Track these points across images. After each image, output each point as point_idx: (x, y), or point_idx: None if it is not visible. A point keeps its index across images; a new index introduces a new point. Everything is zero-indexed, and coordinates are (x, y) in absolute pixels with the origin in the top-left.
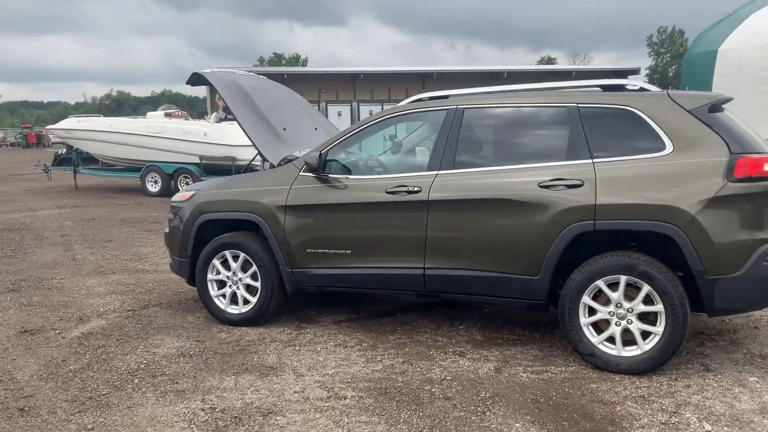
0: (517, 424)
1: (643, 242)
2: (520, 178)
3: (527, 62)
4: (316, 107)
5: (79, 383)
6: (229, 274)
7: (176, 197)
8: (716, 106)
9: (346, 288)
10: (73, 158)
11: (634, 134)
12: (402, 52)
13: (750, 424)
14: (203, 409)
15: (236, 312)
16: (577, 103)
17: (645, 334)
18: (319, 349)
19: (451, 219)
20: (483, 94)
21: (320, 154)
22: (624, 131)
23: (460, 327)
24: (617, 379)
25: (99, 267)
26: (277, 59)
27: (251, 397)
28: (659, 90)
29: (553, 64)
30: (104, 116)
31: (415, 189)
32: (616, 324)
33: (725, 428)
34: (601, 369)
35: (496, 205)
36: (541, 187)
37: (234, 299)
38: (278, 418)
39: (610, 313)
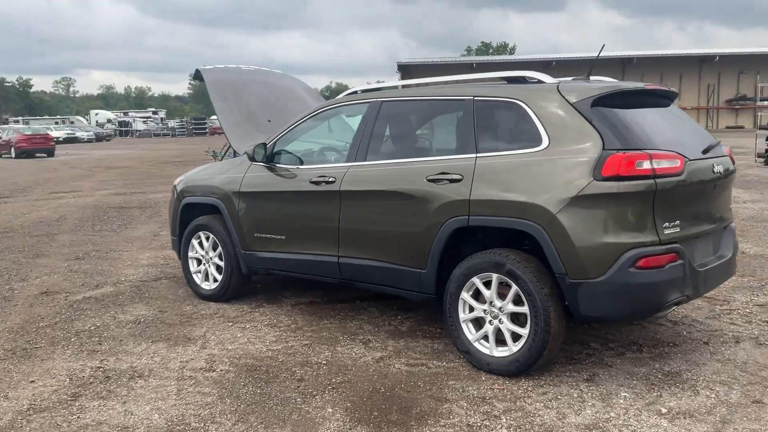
0: (330, 409)
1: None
2: (412, 171)
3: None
4: None
5: (31, 337)
6: (203, 253)
7: (176, 180)
8: (604, 99)
9: (284, 272)
10: None
11: (517, 128)
12: (623, 36)
13: None
14: (92, 368)
15: (207, 288)
16: (473, 96)
17: (517, 336)
18: (248, 326)
19: (357, 210)
20: (404, 88)
21: (264, 145)
22: (509, 125)
23: (399, 317)
24: (483, 378)
25: (164, 243)
26: (485, 48)
27: (141, 362)
28: (553, 82)
29: None
30: None
31: (330, 180)
32: (489, 323)
33: None
34: (476, 367)
35: (391, 197)
36: (428, 180)
37: (207, 276)
38: (140, 381)
39: (484, 311)
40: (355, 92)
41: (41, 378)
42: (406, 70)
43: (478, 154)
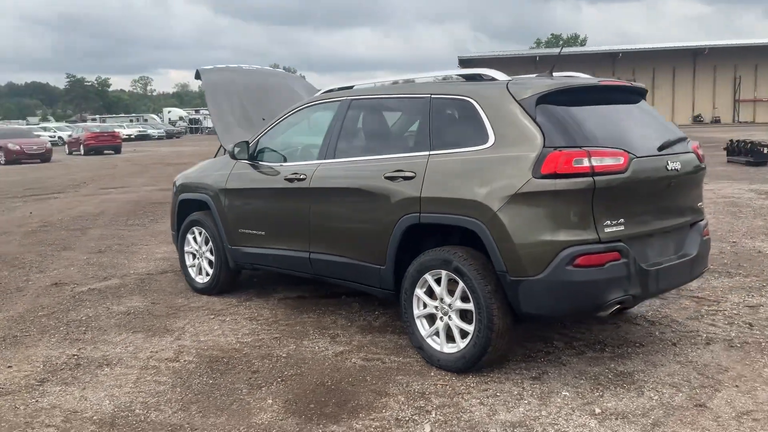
0: (270, 400)
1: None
2: (372, 169)
3: None
4: None
5: (25, 326)
6: (197, 247)
7: (176, 176)
8: (552, 96)
9: (266, 266)
10: None
11: (467, 126)
12: (701, 25)
13: (480, 431)
14: (68, 355)
15: (201, 282)
16: (431, 94)
17: (465, 333)
18: (228, 319)
19: (325, 207)
20: (373, 87)
21: (246, 143)
22: (461, 123)
23: (376, 313)
24: (432, 374)
25: None
26: (555, 40)
27: (114, 351)
28: (504, 79)
29: None
30: None
31: (302, 177)
32: (440, 319)
33: None
34: (429, 363)
35: (353, 194)
36: (386, 178)
37: (201, 270)
38: (106, 369)
39: (436, 307)
40: (332, 90)
41: (19, 364)
42: (468, 65)
43: (431, 152)
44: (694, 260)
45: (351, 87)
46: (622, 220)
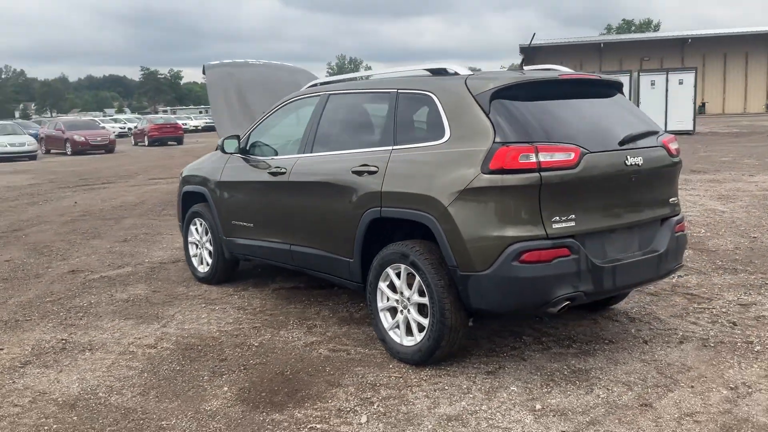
0: (226, 388)
1: None
2: (341, 163)
3: None
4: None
5: (30, 311)
6: (198, 238)
7: (183, 169)
8: (508, 90)
9: (256, 258)
10: None
11: (428, 121)
12: None
13: (414, 423)
14: (56, 339)
15: (202, 271)
16: (397, 89)
17: (423, 327)
18: (217, 308)
19: (301, 200)
20: (348, 81)
21: (237, 137)
22: (422, 117)
23: (361, 305)
24: (391, 366)
25: None
26: (626, 26)
27: (101, 337)
28: (465, 74)
29: None
30: None
31: (283, 171)
32: (400, 312)
33: (383, 424)
34: (391, 356)
35: (324, 188)
36: (353, 172)
37: (202, 260)
38: (87, 354)
39: (397, 301)
40: (315, 85)
41: (10, 346)
42: (530, 53)
43: (394, 147)
44: (663, 256)
45: (330, 82)
46: (572, 216)
